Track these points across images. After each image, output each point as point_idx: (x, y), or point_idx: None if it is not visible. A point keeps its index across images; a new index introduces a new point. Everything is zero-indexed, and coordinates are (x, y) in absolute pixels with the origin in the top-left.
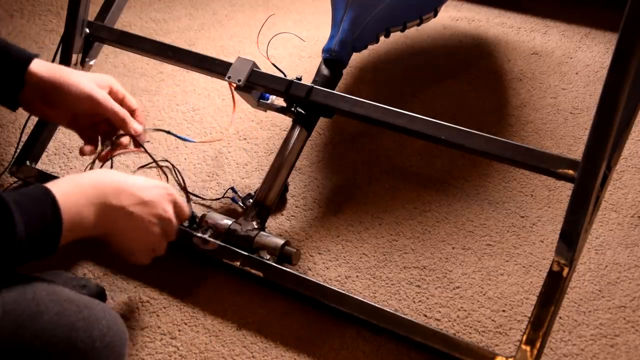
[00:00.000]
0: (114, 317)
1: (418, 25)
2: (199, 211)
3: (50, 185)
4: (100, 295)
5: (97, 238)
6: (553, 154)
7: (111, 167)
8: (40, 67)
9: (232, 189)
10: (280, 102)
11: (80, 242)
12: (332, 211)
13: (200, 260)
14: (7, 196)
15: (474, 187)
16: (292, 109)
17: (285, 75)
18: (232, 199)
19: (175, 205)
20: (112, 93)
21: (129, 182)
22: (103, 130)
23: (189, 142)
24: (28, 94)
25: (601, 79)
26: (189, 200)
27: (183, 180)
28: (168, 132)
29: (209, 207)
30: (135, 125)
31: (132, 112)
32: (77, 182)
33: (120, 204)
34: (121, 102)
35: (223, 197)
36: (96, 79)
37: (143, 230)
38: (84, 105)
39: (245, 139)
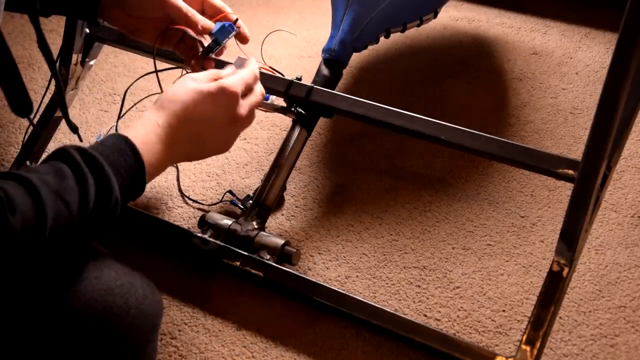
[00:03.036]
0: (151, 288)
1: (418, 26)
2: (197, 213)
3: (125, 132)
4: None
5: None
6: (553, 154)
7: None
8: None
9: (230, 191)
10: (280, 102)
11: None
12: (332, 211)
13: (200, 260)
14: (97, 154)
15: (474, 187)
16: (292, 109)
17: (283, 76)
18: (232, 202)
19: (248, 92)
20: None
21: (191, 107)
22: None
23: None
24: (105, 2)
25: (601, 79)
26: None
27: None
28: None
29: (207, 210)
30: (202, 22)
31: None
32: (147, 122)
33: (191, 134)
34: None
35: (221, 201)
36: None
37: (226, 137)
38: (150, 3)
39: (245, 139)
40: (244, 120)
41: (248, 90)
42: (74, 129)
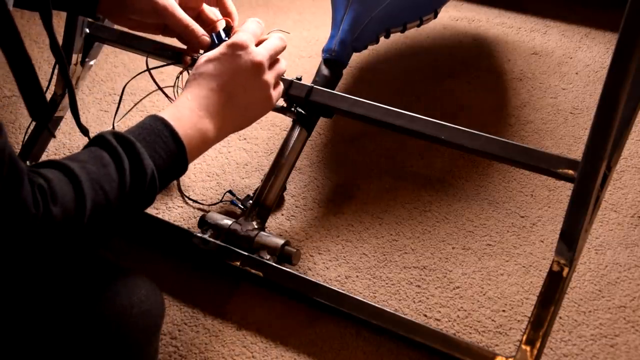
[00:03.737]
0: (153, 288)
1: (418, 26)
2: (197, 213)
3: (160, 114)
4: None
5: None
6: (553, 154)
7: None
8: None
9: (230, 191)
10: (280, 102)
11: None
12: (332, 211)
13: (200, 260)
14: (133, 138)
15: (474, 187)
16: (292, 109)
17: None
18: (232, 202)
19: (270, 63)
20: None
21: (211, 73)
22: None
23: None
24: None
25: (601, 79)
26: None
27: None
28: None
29: (207, 210)
30: (201, 39)
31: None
32: (178, 102)
33: (224, 99)
34: (198, 12)
35: (221, 201)
36: None
37: (260, 103)
38: (145, 6)
39: (245, 139)
40: (268, 66)
41: (257, 39)
42: (84, 131)
